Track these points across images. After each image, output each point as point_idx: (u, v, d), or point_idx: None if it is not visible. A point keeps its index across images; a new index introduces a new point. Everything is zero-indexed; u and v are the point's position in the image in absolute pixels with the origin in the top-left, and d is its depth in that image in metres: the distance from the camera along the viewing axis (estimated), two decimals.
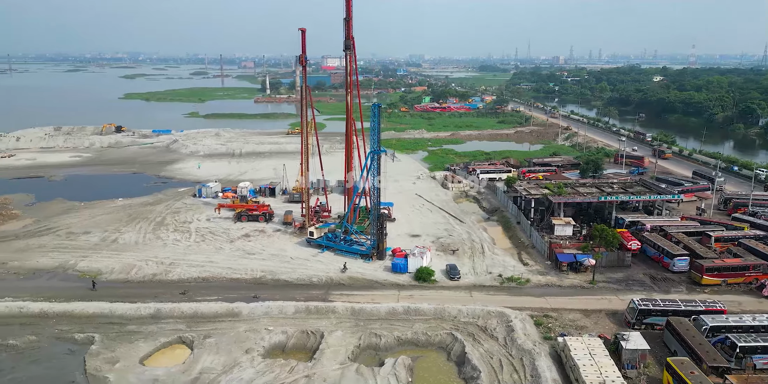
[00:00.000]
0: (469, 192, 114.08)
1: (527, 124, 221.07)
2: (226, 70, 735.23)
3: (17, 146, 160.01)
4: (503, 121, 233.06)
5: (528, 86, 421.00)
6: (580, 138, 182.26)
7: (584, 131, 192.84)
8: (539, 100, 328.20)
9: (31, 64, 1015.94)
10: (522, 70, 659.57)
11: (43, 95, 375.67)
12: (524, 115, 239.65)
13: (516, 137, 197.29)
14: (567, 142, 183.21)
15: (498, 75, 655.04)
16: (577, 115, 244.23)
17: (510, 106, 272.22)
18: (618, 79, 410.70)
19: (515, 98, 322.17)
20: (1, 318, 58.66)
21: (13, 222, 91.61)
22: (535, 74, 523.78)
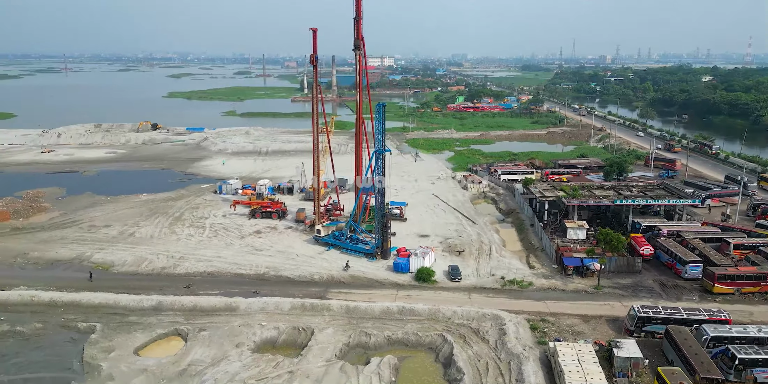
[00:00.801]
0: (488, 193, 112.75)
1: (561, 125, 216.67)
2: (269, 69, 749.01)
3: (58, 142, 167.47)
4: (537, 122, 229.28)
5: (568, 86, 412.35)
6: (613, 139, 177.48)
7: (617, 133, 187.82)
8: (580, 100, 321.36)
9: (86, 63, 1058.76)
10: (565, 69, 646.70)
11: (90, 93, 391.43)
12: (559, 116, 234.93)
13: (548, 138, 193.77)
14: (600, 143, 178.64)
15: (540, 74, 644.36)
16: (614, 115, 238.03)
17: (545, 106, 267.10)
18: (664, 79, 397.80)
19: (552, 98, 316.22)
20: (14, 306, 61.65)
21: (42, 214, 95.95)
22: (577, 74, 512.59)
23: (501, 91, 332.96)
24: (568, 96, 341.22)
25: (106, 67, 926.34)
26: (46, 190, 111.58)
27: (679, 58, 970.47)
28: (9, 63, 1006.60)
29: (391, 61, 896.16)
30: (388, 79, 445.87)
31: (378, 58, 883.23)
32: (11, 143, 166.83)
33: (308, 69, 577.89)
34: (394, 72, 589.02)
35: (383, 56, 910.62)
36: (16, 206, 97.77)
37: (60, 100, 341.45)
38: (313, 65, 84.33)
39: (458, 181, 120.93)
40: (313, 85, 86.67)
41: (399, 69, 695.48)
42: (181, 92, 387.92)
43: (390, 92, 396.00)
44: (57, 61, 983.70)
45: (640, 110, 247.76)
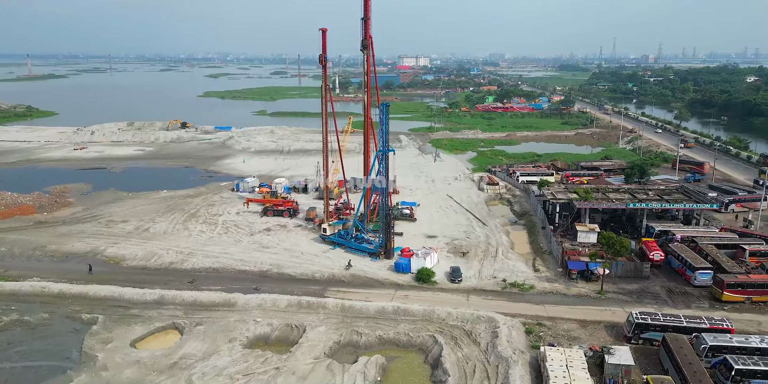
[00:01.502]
0: (504, 194, 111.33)
1: (591, 126, 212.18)
2: (305, 69, 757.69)
3: (91, 139, 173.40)
4: (567, 123, 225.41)
5: (604, 86, 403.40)
6: (643, 141, 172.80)
7: (648, 134, 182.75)
8: (616, 101, 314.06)
9: (131, 63, 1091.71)
10: (604, 69, 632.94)
11: (129, 93, 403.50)
12: (590, 117, 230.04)
13: (576, 139, 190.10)
14: (629, 145, 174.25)
15: (577, 74, 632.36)
16: (648, 116, 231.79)
17: (576, 106, 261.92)
18: (705, 80, 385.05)
19: (585, 99, 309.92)
20: (25, 296, 64.24)
21: (66, 209, 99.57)
22: (615, 74, 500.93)
23: (532, 91, 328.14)
24: (604, 96, 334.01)
25: (149, 67, 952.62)
26: (73, 185, 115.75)
27: (727, 58, 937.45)
28: (58, 63, 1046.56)
29: (426, 61, 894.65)
30: (420, 79, 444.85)
31: (413, 58, 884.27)
32: (48, 140, 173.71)
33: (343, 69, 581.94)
34: (428, 72, 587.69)
35: (418, 56, 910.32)
36: (42, 201, 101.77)
37: (100, 99, 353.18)
38: (322, 65, 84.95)
39: (475, 182, 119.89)
40: (322, 85, 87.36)
41: (433, 69, 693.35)
42: (217, 92, 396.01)
43: (421, 92, 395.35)
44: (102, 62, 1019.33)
45: (676, 111, 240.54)
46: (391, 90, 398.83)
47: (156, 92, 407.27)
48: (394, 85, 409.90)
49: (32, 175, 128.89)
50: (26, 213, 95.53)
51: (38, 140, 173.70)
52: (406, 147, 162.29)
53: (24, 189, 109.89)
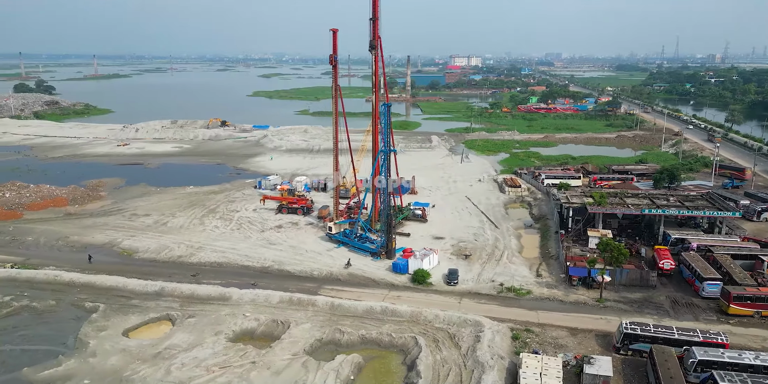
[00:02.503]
0: (526, 197, 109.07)
1: (635, 129, 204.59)
2: (357, 69, 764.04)
3: (135, 136, 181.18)
4: (611, 125, 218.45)
5: (660, 87, 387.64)
6: (687, 145, 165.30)
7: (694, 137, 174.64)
8: (672, 102, 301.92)
9: (191, 64, 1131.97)
10: (665, 69, 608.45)
11: (183, 92, 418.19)
12: (636, 119, 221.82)
13: (617, 142, 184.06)
14: (672, 149, 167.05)
15: (635, 75, 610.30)
16: (699, 119, 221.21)
17: (623, 108, 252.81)
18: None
19: (635, 100, 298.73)
20: (39, 283, 68.04)
21: (96, 202, 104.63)
22: (674, 74, 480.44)
23: (577, 92, 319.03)
24: (659, 98, 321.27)
25: (207, 67, 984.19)
26: (108, 180, 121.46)
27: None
28: (125, 63, 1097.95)
29: (478, 60, 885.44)
30: (467, 79, 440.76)
31: (464, 58, 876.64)
32: (96, 136, 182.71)
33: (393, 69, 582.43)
34: (478, 72, 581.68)
35: (470, 56, 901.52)
36: (76, 194, 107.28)
37: (154, 97, 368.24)
38: (332, 65, 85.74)
39: (498, 184, 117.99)
40: (333, 85, 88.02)
41: (484, 69, 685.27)
42: (266, 91, 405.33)
43: (467, 92, 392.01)
44: (165, 62, 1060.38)
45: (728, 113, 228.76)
46: (437, 90, 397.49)
47: (208, 91, 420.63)
48: (440, 85, 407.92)
49: (75, 169, 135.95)
50: (59, 205, 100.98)
51: (88, 136, 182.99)
52: (435, 147, 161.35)
53: (64, 182, 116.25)
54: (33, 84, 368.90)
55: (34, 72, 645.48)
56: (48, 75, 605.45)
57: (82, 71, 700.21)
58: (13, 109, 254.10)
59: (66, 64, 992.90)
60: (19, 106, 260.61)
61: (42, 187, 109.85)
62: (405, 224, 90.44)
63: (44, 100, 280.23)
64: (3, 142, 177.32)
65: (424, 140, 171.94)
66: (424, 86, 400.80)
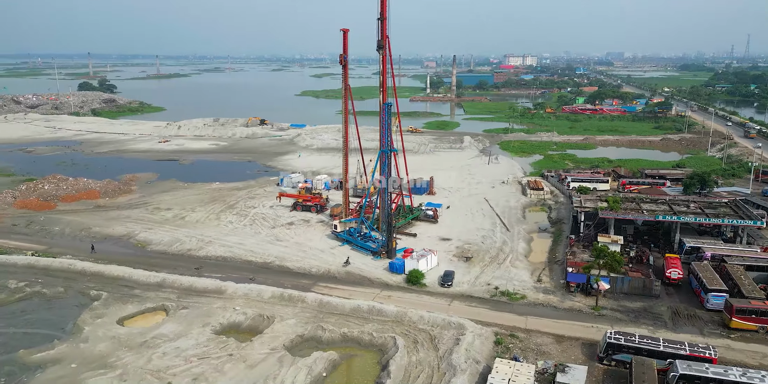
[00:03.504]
0: (548, 200, 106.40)
1: (684, 131, 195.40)
2: (408, 69, 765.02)
3: (177, 133, 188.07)
4: (659, 127, 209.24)
5: (722, 88, 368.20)
6: (736, 149, 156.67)
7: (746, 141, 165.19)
8: (734, 104, 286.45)
9: (249, 64, 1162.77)
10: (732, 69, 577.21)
11: (235, 90, 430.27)
12: (687, 121, 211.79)
13: (662, 145, 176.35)
14: (720, 153, 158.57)
15: (699, 75, 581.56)
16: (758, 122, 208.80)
17: (675, 109, 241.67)
18: None
19: (693, 101, 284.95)
20: (53, 271, 71.95)
21: (126, 196, 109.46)
22: (740, 75, 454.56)
23: (627, 93, 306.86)
24: (719, 99, 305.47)
25: (263, 67, 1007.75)
26: (142, 175, 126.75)
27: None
28: (187, 63, 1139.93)
29: (533, 60, 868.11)
30: (516, 79, 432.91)
31: (519, 58, 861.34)
32: (142, 133, 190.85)
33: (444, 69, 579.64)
34: (531, 71, 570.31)
35: (525, 55, 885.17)
36: (109, 187, 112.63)
37: (206, 95, 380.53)
38: (342, 65, 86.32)
39: (522, 187, 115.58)
40: (343, 86, 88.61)
41: (538, 68, 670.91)
42: (313, 91, 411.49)
43: (516, 92, 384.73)
44: (224, 62, 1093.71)
45: None
46: (484, 90, 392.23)
47: (258, 91, 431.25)
48: (488, 85, 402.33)
49: (115, 163, 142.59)
50: (91, 197, 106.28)
51: (134, 133, 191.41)
52: (466, 148, 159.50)
53: (102, 176, 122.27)
54: (96, 83, 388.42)
55: (102, 71, 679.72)
56: (114, 74, 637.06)
57: (146, 71, 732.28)
58: (73, 106, 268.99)
59: (133, 63, 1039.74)
60: (79, 104, 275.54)
61: (79, 181, 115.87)
62: (415, 224, 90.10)
63: (102, 98, 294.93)
64: (57, 137, 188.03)
65: (456, 141, 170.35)
66: (471, 86, 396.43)
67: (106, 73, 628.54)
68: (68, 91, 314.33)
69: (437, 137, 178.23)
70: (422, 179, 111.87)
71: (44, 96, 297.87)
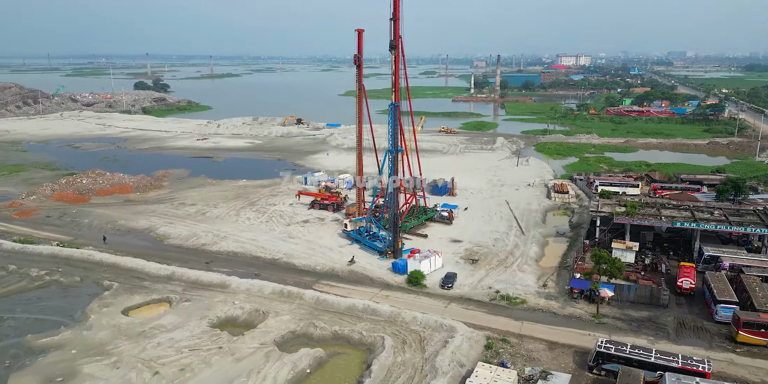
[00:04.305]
0: (572, 204, 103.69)
1: (734, 135, 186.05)
2: (459, 69, 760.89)
3: (216, 132, 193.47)
4: (709, 130, 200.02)
5: None
6: None
7: None
8: None
9: (300, 64, 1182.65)
10: None
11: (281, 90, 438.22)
12: (741, 124, 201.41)
13: (708, 149, 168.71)
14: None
15: (764, 76, 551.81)
16: None
17: (728, 112, 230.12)
18: None
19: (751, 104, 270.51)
20: (74, 261, 75.50)
21: (156, 191, 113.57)
22: None
23: (677, 94, 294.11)
24: None
25: (314, 67, 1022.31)
26: (174, 171, 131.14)
27: None
28: (241, 63, 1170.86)
29: (587, 60, 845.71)
30: (565, 80, 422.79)
31: (572, 58, 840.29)
32: (183, 131, 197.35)
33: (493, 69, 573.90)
34: (584, 71, 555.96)
35: (579, 55, 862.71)
36: (142, 182, 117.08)
37: (252, 95, 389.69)
38: (357, 65, 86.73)
39: (548, 189, 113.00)
40: (357, 86, 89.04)
41: (591, 68, 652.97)
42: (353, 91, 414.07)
43: (564, 93, 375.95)
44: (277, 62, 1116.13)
45: None
46: (531, 90, 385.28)
47: (304, 90, 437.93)
48: (534, 85, 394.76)
49: (153, 160, 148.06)
50: (124, 192, 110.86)
51: (176, 130, 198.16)
52: (497, 149, 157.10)
53: (138, 171, 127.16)
54: (150, 82, 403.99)
55: (160, 71, 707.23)
56: (170, 74, 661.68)
57: (200, 71, 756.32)
58: (125, 104, 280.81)
59: (190, 64, 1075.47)
60: (131, 102, 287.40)
61: (115, 175, 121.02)
62: (428, 225, 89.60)
63: (153, 97, 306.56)
64: (105, 134, 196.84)
65: (488, 142, 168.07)
66: (517, 86, 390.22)
67: (164, 73, 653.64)
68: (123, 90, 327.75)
69: (470, 138, 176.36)
70: (443, 180, 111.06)
71: (100, 95, 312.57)
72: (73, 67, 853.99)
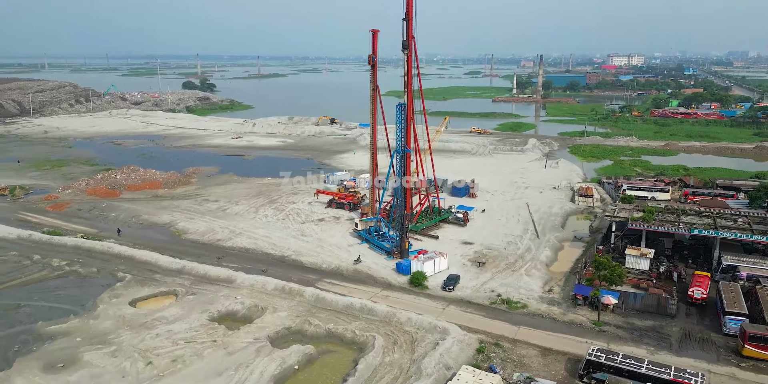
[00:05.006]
0: (596, 208, 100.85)
1: None
2: (504, 69, 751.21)
3: (252, 130, 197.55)
4: (760, 133, 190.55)
5: None
6: None
7: None
8: None
9: (346, 64, 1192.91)
10: None
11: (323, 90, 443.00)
12: None
13: (755, 154, 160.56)
14: None
15: None
16: None
17: None
18: None
19: None
20: (95, 253, 78.71)
21: (184, 187, 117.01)
22: None
23: (731, 96, 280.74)
24: None
25: (359, 67, 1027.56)
26: (205, 168, 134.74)
27: None
28: (289, 63, 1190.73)
29: (640, 59, 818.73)
30: (612, 80, 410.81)
31: (624, 57, 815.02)
32: (221, 129, 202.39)
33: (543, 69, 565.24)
34: (635, 72, 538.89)
35: (631, 55, 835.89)
36: (172, 179, 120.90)
37: (294, 94, 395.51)
38: (371, 66, 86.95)
39: (574, 193, 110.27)
40: (372, 86, 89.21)
41: (643, 68, 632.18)
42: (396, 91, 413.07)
43: (610, 93, 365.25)
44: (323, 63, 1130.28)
45: None
46: (575, 91, 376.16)
47: (346, 90, 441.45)
48: (579, 85, 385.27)
49: (187, 157, 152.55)
50: (153, 187, 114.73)
51: (214, 129, 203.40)
52: (527, 151, 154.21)
53: (170, 168, 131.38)
54: (197, 82, 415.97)
55: (210, 71, 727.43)
56: (219, 74, 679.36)
57: (248, 71, 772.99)
58: (171, 103, 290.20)
59: (240, 64, 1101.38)
60: (176, 101, 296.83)
61: (148, 172, 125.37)
62: (442, 227, 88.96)
63: (198, 96, 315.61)
64: (147, 131, 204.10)
65: (519, 143, 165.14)
66: (561, 87, 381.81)
67: (213, 73, 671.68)
68: (171, 89, 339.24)
69: (501, 139, 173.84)
70: (465, 181, 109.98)
71: (147, 94, 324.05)
72: (129, 68, 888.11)
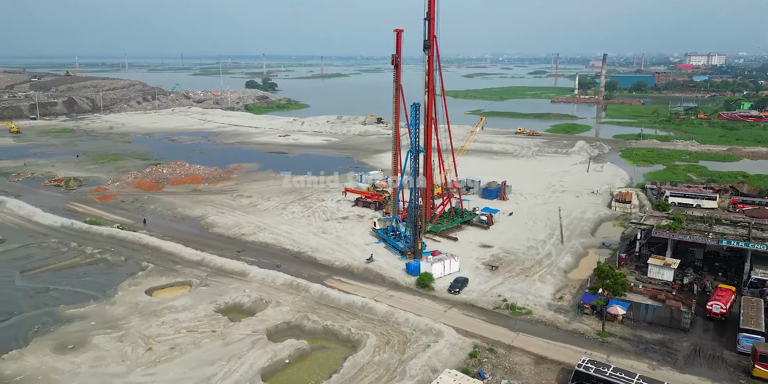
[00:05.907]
0: (632, 215, 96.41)
1: None
2: (570, 69, 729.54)
3: (300, 129, 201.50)
4: None
5: None
6: None
7: None
8: None
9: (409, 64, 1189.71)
10: None
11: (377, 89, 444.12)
12: None
13: None
14: None
15: None
16: None
17: None
18: None
19: None
20: (127, 242, 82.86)
21: (223, 182, 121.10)
22: None
23: None
24: None
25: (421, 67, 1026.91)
26: (247, 164, 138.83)
27: None
28: (354, 63, 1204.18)
29: (721, 59, 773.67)
30: (683, 81, 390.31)
31: (703, 57, 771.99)
32: (271, 127, 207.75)
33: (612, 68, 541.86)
34: (713, 72, 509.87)
35: (711, 54, 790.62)
36: (213, 174, 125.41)
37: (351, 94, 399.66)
38: (395, 66, 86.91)
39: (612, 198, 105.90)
40: (394, 86, 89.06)
41: (723, 68, 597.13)
42: (455, 91, 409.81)
43: (680, 95, 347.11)
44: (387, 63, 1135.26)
45: None
46: (642, 92, 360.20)
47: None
48: (646, 86, 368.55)
49: (233, 153, 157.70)
50: (194, 182, 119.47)
51: (265, 127, 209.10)
52: (573, 154, 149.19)
53: (218, 163, 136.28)
54: (260, 81, 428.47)
55: (276, 71, 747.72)
56: (284, 74, 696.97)
57: (312, 71, 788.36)
58: (230, 101, 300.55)
59: (306, 64, 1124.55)
60: (236, 100, 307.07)
61: (193, 167, 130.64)
62: (464, 229, 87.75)
63: (257, 95, 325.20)
64: (202, 128, 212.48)
65: (566, 145, 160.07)
66: (627, 88, 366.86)
67: (278, 73, 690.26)
68: (233, 88, 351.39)
69: (548, 141, 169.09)
70: (496, 183, 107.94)
71: (210, 92, 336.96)
72: (201, 67, 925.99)
